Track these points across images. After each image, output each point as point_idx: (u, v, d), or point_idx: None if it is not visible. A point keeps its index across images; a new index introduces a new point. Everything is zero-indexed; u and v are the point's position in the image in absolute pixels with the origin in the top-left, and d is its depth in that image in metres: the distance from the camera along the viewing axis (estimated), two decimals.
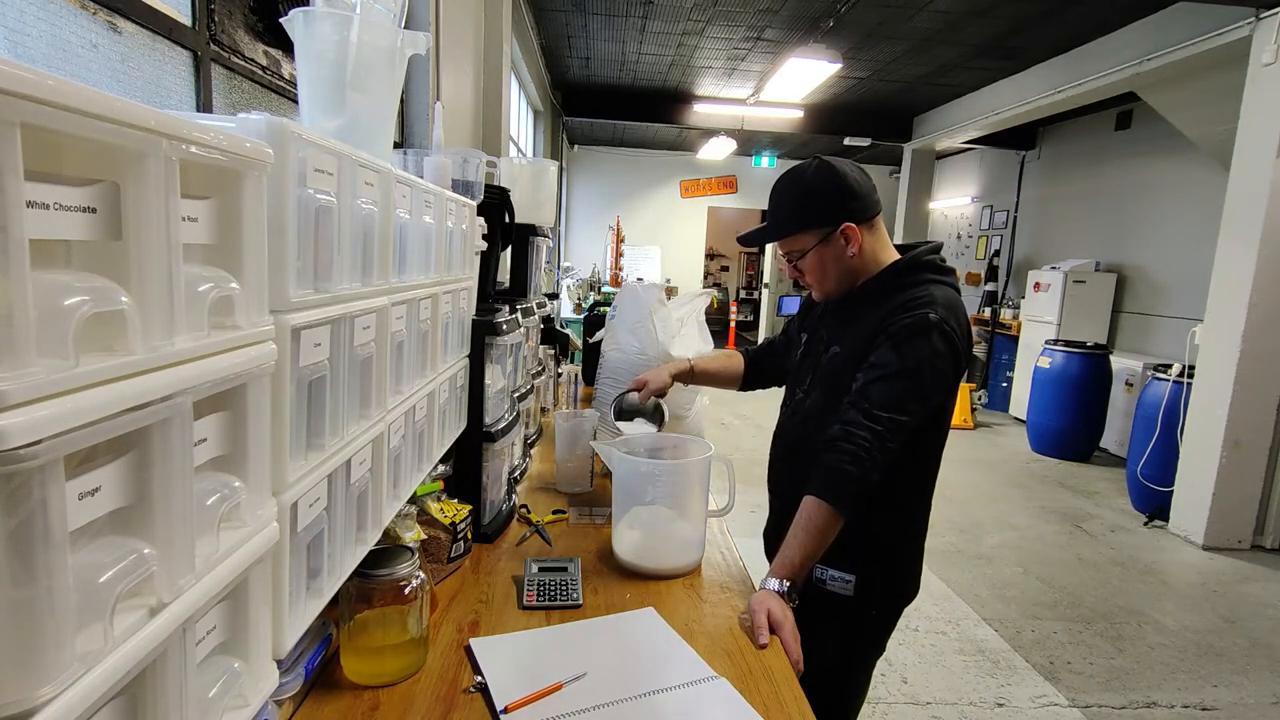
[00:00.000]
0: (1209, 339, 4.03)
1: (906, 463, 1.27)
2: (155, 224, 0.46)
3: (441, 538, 1.23)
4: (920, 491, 1.37)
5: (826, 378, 1.36)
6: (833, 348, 1.37)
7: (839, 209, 1.31)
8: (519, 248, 1.90)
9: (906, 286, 1.31)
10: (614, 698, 0.94)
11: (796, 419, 1.44)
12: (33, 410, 0.37)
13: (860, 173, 1.34)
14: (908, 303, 1.26)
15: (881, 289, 1.33)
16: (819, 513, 1.19)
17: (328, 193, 0.71)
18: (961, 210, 9.51)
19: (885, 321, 1.26)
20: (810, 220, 1.33)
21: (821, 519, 1.18)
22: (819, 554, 1.21)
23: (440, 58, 2.82)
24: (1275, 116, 3.68)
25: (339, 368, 0.76)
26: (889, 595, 1.37)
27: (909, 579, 1.39)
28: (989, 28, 5.17)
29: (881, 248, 1.36)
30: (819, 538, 1.19)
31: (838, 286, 1.38)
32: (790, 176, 1.36)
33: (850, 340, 1.33)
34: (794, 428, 1.45)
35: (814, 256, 1.35)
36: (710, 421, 5.49)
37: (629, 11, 5.35)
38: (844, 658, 1.38)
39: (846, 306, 1.39)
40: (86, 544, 0.45)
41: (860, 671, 1.43)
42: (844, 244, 1.32)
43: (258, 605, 0.62)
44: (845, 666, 1.39)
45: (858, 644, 1.39)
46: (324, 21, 0.83)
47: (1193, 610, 3.20)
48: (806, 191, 1.33)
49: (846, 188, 1.31)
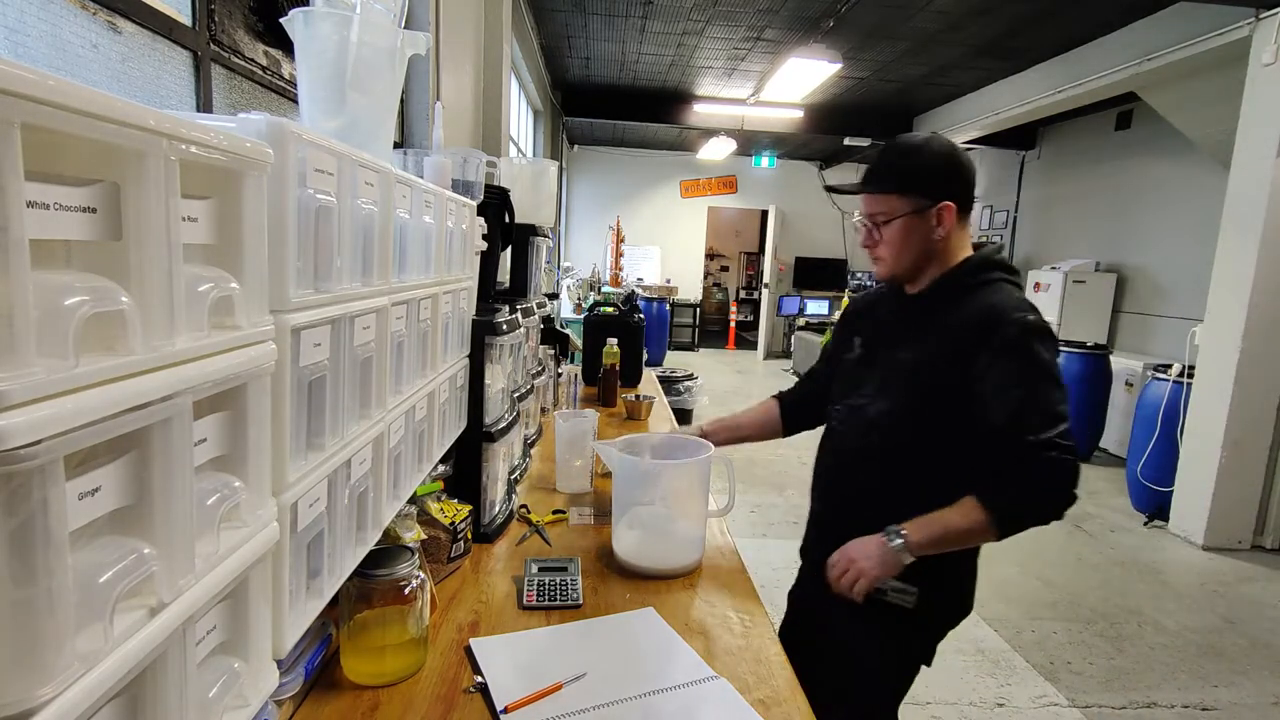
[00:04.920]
0: (1209, 339, 4.03)
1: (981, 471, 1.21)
2: (155, 224, 0.46)
3: (441, 538, 1.23)
4: None
5: (897, 384, 1.29)
6: (900, 353, 1.30)
7: (946, 186, 1.27)
8: (519, 248, 1.90)
9: (979, 286, 1.27)
10: (614, 698, 0.94)
11: (858, 426, 1.34)
12: (33, 410, 0.37)
13: (972, 166, 1.31)
14: (992, 310, 1.21)
15: (955, 287, 1.28)
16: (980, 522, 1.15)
17: (328, 193, 0.71)
18: None
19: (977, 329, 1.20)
20: (913, 186, 1.27)
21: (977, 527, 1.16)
22: (946, 549, 1.19)
23: (440, 58, 2.82)
24: (1275, 116, 3.68)
25: (339, 368, 0.76)
26: (947, 611, 1.34)
27: (967, 595, 1.36)
28: (989, 28, 5.17)
29: (962, 245, 1.31)
30: (961, 540, 1.19)
31: (912, 266, 1.31)
32: (910, 139, 1.31)
33: (927, 342, 1.27)
34: (855, 435, 1.35)
35: (901, 225, 1.27)
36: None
37: (629, 11, 5.35)
38: (894, 666, 1.35)
39: (914, 307, 1.33)
40: (86, 544, 0.45)
41: (906, 678, 1.38)
42: (935, 223, 1.27)
43: (258, 605, 0.62)
44: (894, 674, 1.36)
45: (907, 653, 1.35)
46: (324, 21, 0.83)
47: (1193, 610, 3.20)
48: (922, 158, 1.28)
49: (960, 171, 1.28)
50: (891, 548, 1.17)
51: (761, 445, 1.74)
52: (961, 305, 1.25)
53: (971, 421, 1.19)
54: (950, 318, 1.25)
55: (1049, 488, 1.13)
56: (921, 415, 1.26)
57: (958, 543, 1.19)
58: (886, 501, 1.25)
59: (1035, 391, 1.15)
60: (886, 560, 1.18)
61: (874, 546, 1.19)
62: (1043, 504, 1.14)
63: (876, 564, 1.18)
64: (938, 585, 1.26)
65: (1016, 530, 1.16)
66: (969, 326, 1.21)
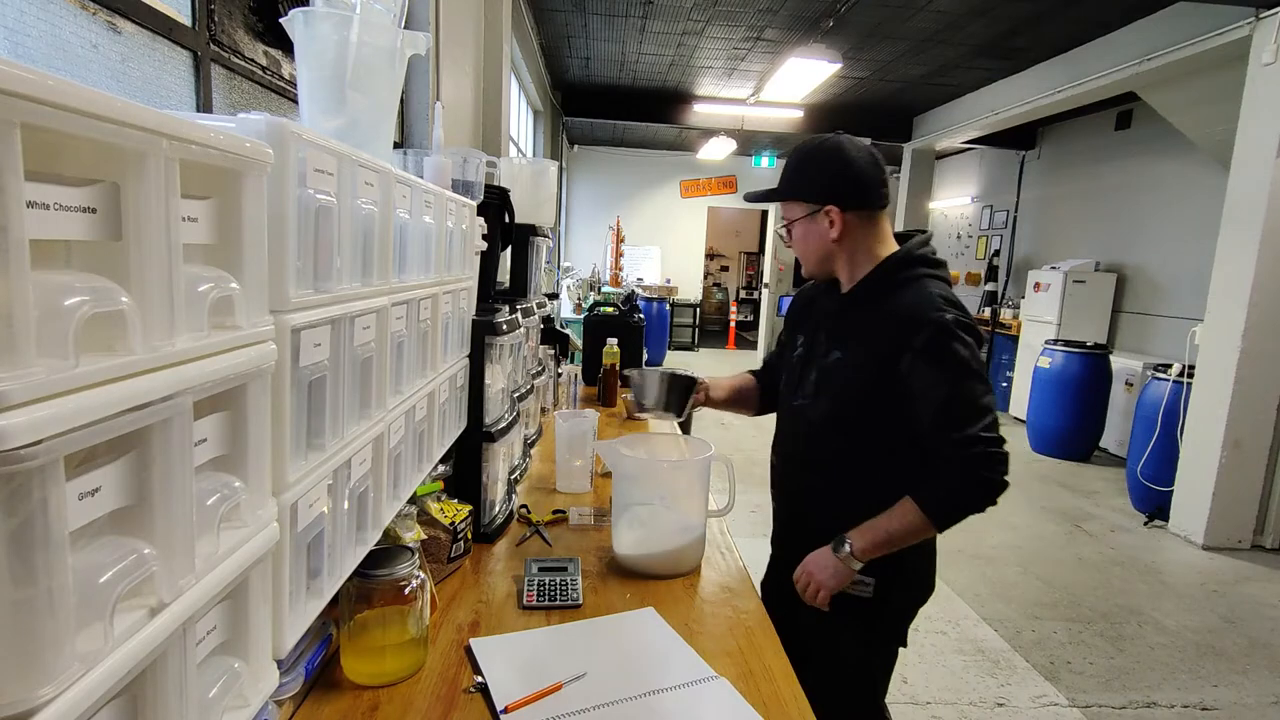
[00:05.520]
0: (1209, 339, 4.03)
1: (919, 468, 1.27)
2: (155, 224, 0.46)
3: (441, 538, 1.23)
4: None
5: (831, 384, 1.35)
6: (834, 353, 1.35)
7: (829, 189, 1.31)
8: (519, 248, 1.90)
9: (902, 284, 1.30)
10: (614, 698, 0.94)
11: (800, 426, 1.42)
12: (33, 410, 0.37)
13: (872, 162, 1.32)
14: (911, 312, 1.25)
15: (876, 287, 1.33)
16: (917, 522, 1.23)
17: (328, 193, 0.71)
18: (961, 210, 9.51)
19: (897, 331, 1.25)
20: (801, 191, 1.35)
21: (917, 526, 1.23)
22: (892, 549, 1.26)
23: (440, 58, 2.82)
24: (1275, 116, 3.68)
25: (339, 368, 0.76)
26: (906, 595, 1.39)
27: (925, 577, 1.41)
28: (989, 28, 5.17)
29: (877, 242, 1.35)
30: (903, 540, 1.25)
31: (817, 266, 1.39)
32: (806, 143, 1.38)
33: (854, 344, 1.32)
34: (798, 436, 1.44)
35: (799, 229, 1.37)
36: (710, 422, 5.49)
37: (629, 11, 5.35)
38: (864, 652, 1.40)
39: (844, 306, 1.37)
40: (86, 544, 0.45)
41: (879, 663, 1.44)
42: (826, 225, 1.32)
43: (258, 605, 0.62)
44: (867, 659, 1.41)
45: (875, 638, 1.40)
46: (324, 21, 0.83)
47: (1193, 610, 3.20)
48: (808, 162, 1.35)
49: (847, 171, 1.30)
50: (840, 558, 1.26)
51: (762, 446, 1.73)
52: (883, 305, 1.30)
53: (903, 421, 1.25)
54: (873, 319, 1.30)
55: (978, 481, 1.19)
56: (855, 419, 1.32)
57: (901, 542, 1.25)
58: (833, 501, 1.35)
59: (957, 390, 1.20)
60: (839, 571, 1.27)
61: (826, 559, 1.28)
62: (974, 497, 1.21)
63: (831, 575, 1.27)
64: (893, 573, 1.33)
65: (954, 523, 1.24)
66: (890, 328, 1.26)
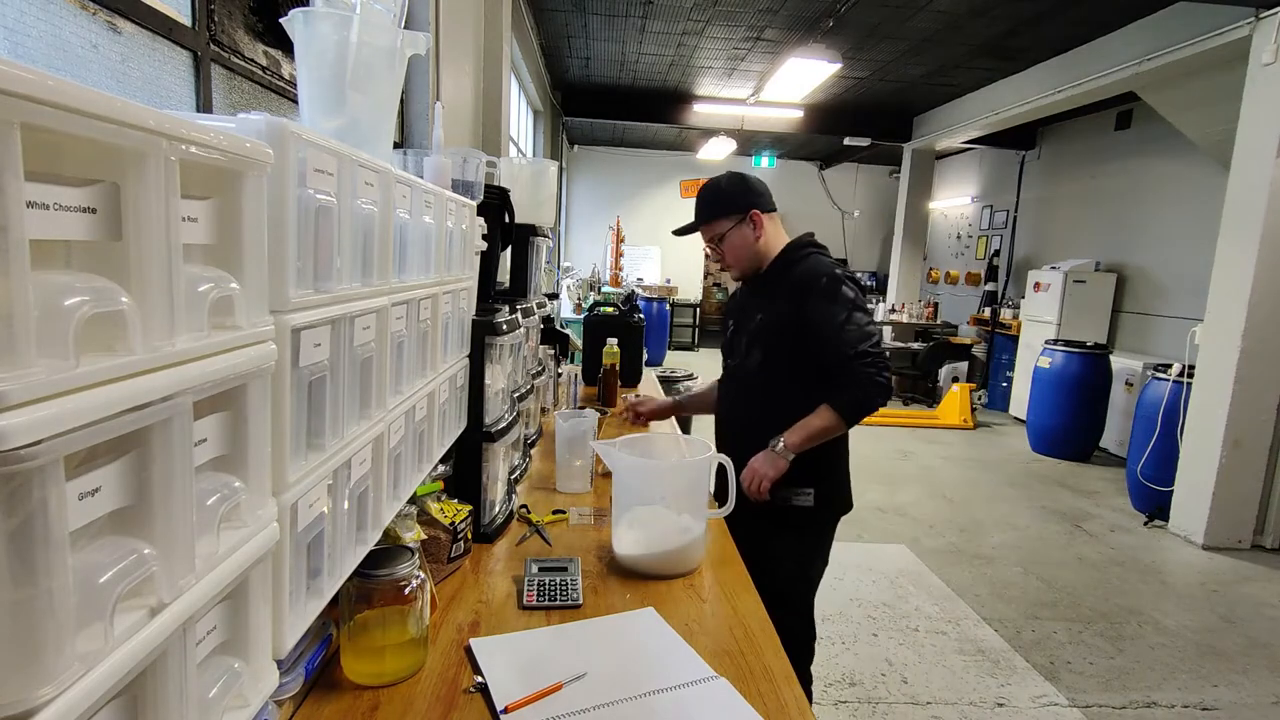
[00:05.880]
0: (1209, 339, 4.03)
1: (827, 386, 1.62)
2: (155, 224, 0.46)
3: (441, 538, 1.23)
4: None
5: (760, 339, 1.73)
6: (756, 317, 1.75)
7: (745, 200, 1.75)
8: (519, 248, 1.90)
9: (799, 260, 1.73)
10: (614, 698, 0.94)
11: (739, 375, 1.82)
12: (33, 410, 0.37)
13: (760, 181, 1.80)
14: (808, 273, 1.68)
15: (783, 265, 1.75)
16: (833, 420, 1.61)
17: (328, 193, 0.71)
18: (961, 210, 9.51)
19: (800, 288, 1.66)
20: (726, 209, 1.76)
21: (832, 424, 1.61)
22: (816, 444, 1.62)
23: (440, 58, 2.82)
24: (1275, 116, 3.68)
25: (339, 368, 0.76)
26: (835, 504, 1.78)
27: (847, 490, 1.81)
28: (989, 28, 5.17)
29: (778, 237, 1.79)
30: (822, 435, 1.62)
31: (750, 264, 1.79)
32: (710, 182, 1.81)
33: (772, 307, 1.72)
34: (738, 384, 1.83)
35: (730, 237, 1.76)
36: (709, 421, 5.46)
37: (629, 11, 5.35)
38: (807, 554, 1.78)
39: (760, 285, 1.78)
40: (86, 544, 0.45)
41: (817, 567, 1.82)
42: (751, 228, 1.74)
43: (258, 605, 0.62)
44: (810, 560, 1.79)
45: (815, 542, 1.79)
46: (324, 21, 0.83)
47: (1193, 610, 3.20)
48: (722, 189, 1.78)
49: (750, 187, 1.77)
50: (776, 452, 1.61)
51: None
52: (790, 275, 1.72)
53: (812, 353, 1.65)
54: (783, 285, 1.72)
55: (869, 384, 1.59)
56: (779, 356, 1.71)
57: (821, 437, 1.62)
58: (766, 425, 1.66)
59: (847, 319, 1.61)
60: (775, 462, 1.61)
61: (765, 455, 1.62)
62: (869, 397, 1.60)
63: (769, 466, 1.61)
64: (827, 487, 1.74)
65: (859, 419, 1.63)
66: (796, 287, 1.68)
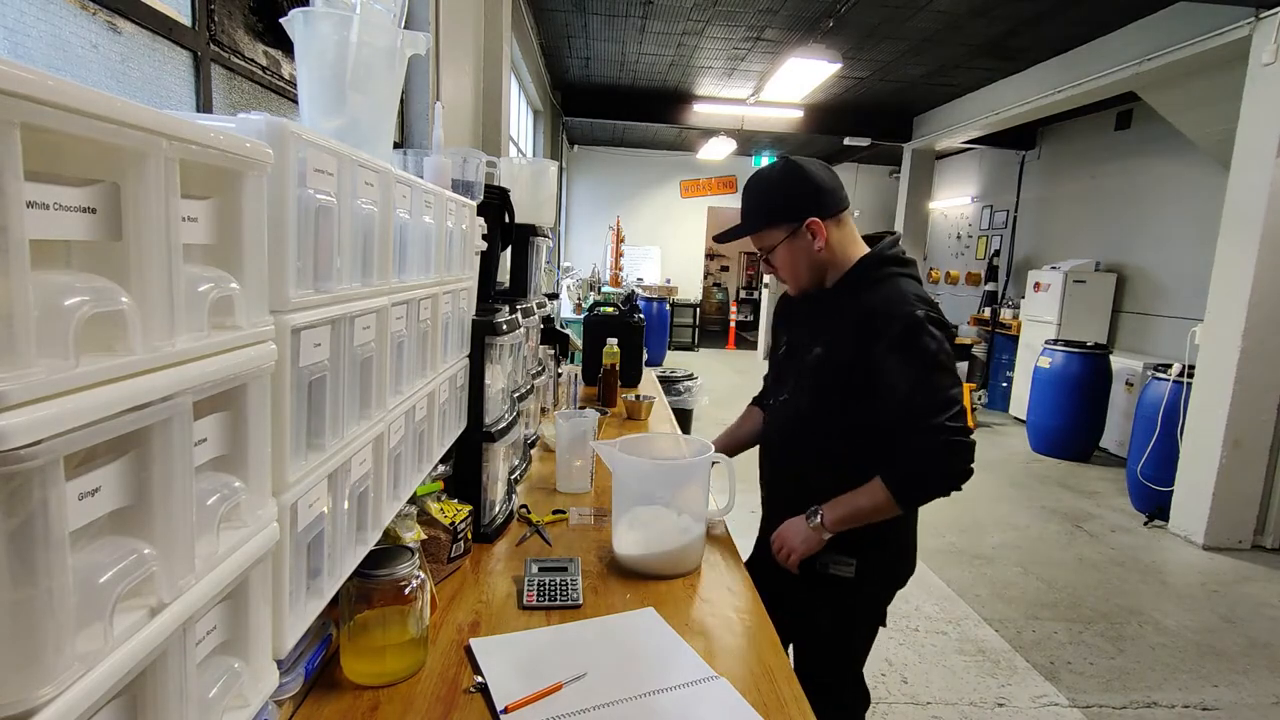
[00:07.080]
0: (1209, 339, 4.03)
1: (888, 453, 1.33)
2: (155, 224, 0.46)
3: (441, 538, 1.23)
4: None
5: (813, 379, 1.42)
6: (814, 349, 1.42)
7: (803, 205, 1.38)
8: (519, 248, 1.90)
9: (875, 282, 1.38)
10: (614, 698, 0.93)
11: (786, 419, 1.50)
12: (33, 410, 0.37)
13: (826, 170, 1.41)
14: (883, 306, 1.32)
15: (853, 285, 1.40)
16: (884, 501, 1.31)
17: (328, 193, 0.71)
18: (961, 210, 9.51)
19: (870, 326, 1.32)
20: (777, 216, 1.41)
21: (882, 504, 1.31)
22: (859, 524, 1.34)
23: (440, 58, 2.82)
24: (1275, 116, 3.68)
25: (339, 368, 0.76)
26: (884, 578, 1.48)
27: (904, 562, 1.49)
28: (989, 28, 5.17)
29: (850, 242, 1.43)
30: (869, 516, 1.33)
31: (810, 280, 1.44)
32: (758, 176, 1.44)
33: (831, 340, 1.39)
34: (784, 429, 1.51)
35: (784, 251, 1.42)
36: (710, 421, 5.48)
37: (629, 11, 5.35)
38: (844, 628, 1.49)
39: (822, 305, 1.45)
40: (86, 544, 0.45)
41: (859, 637, 1.51)
42: (810, 238, 1.39)
43: (258, 605, 0.62)
44: (847, 634, 1.50)
45: (855, 616, 1.48)
46: (324, 21, 0.83)
47: (1193, 610, 3.20)
48: (773, 189, 1.42)
49: (811, 184, 1.38)
50: (811, 527, 1.36)
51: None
52: (859, 301, 1.37)
53: (875, 411, 1.33)
54: (849, 314, 1.37)
55: (942, 467, 1.28)
56: (834, 410, 1.39)
57: (867, 518, 1.34)
58: (813, 484, 1.41)
59: (925, 381, 1.28)
60: (809, 538, 1.37)
61: (799, 526, 1.39)
62: (937, 482, 1.29)
63: (801, 541, 1.38)
64: (874, 556, 1.42)
65: (918, 504, 1.35)
66: (864, 322, 1.33)
